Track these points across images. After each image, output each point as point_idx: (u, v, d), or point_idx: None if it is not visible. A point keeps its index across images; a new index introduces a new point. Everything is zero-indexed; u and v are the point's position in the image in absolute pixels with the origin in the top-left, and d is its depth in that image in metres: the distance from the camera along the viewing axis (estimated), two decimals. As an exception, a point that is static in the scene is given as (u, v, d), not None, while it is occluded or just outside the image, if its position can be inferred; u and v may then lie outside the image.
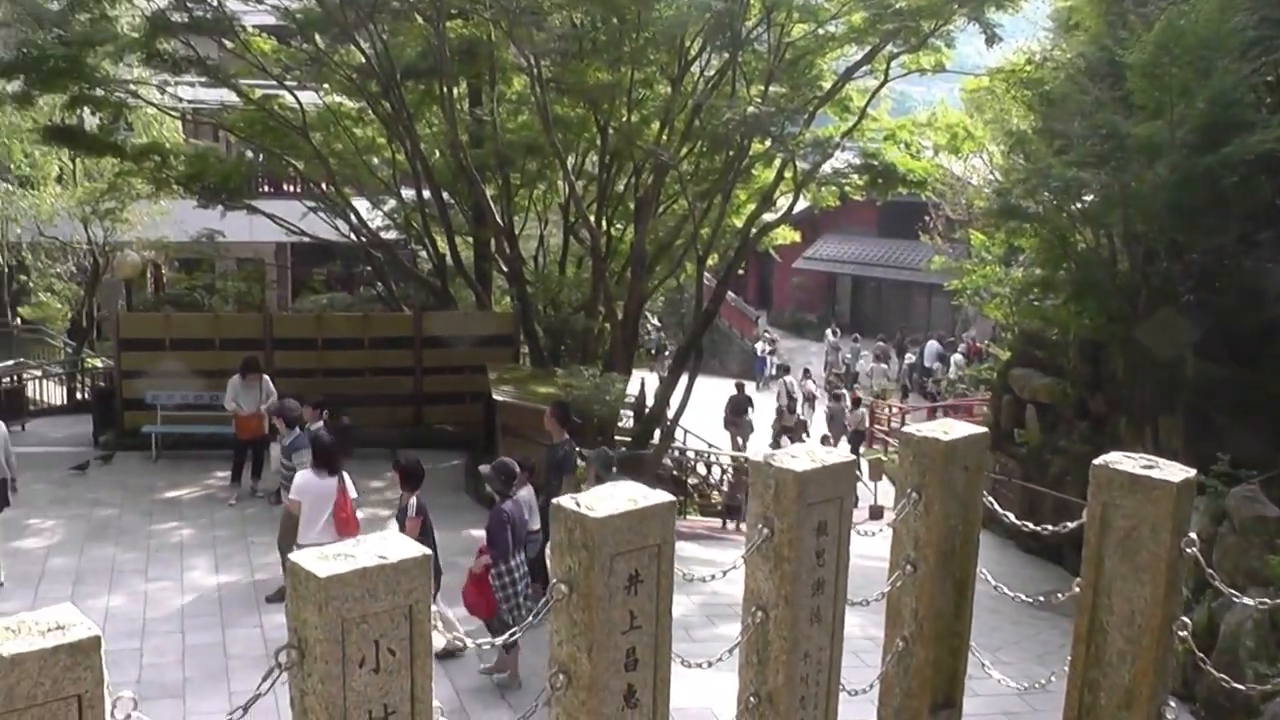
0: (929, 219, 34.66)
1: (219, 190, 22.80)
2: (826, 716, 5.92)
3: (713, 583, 6.02)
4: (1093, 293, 17.00)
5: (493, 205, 21.20)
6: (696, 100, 19.44)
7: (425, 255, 24.91)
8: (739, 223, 22.57)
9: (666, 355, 33.18)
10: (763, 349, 41.32)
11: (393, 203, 24.40)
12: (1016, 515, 6.93)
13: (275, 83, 21.42)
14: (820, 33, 19.48)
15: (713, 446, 26.04)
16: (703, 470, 24.24)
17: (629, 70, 19.35)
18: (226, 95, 22.68)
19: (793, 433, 28.90)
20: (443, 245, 23.44)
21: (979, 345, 37.45)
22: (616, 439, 19.49)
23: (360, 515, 11.93)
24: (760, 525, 5.49)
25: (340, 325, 22.37)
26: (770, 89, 19.24)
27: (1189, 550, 5.83)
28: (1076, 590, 6.16)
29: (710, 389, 27.73)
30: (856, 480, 7.42)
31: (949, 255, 29.44)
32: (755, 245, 24.51)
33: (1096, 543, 5.98)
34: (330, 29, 19.60)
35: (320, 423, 13.93)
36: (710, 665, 5.64)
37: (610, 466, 11.34)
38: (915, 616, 6.38)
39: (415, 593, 4.07)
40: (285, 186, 28.51)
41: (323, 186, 23.24)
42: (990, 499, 6.59)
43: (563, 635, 4.74)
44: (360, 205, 23.46)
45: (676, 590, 4.99)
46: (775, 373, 37.56)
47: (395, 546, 4.12)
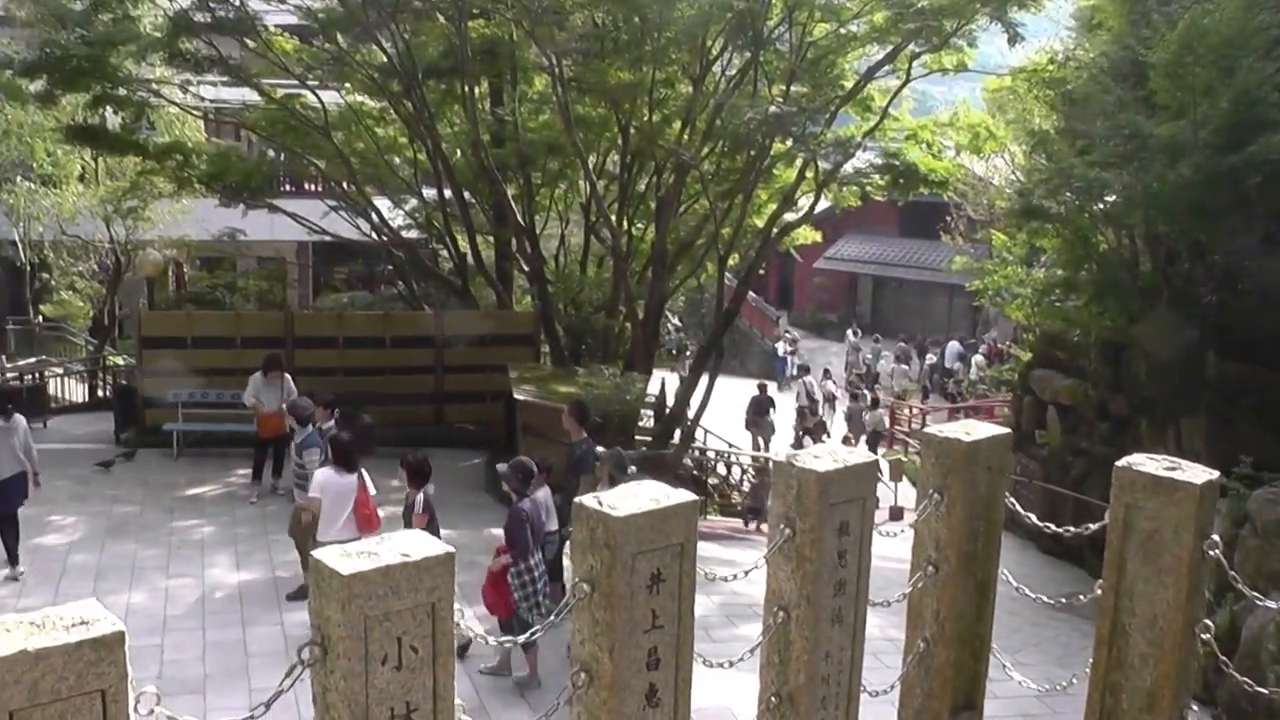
0: (950, 219, 34.60)
1: (241, 189, 22.84)
2: (847, 717, 5.91)
3: (733, 583, 6.01)
4: (1114, 294, 16.95)
5: (514, 204, 21.20)
6: (718, 100, 19.40)
7: (446, 254, 24.90)
8: (760, 222, 22.53)
9: (687, 355, 33.16)
10: (784, 349, 41.23)
11: (414, 202, 24.41)
12: (1037, 517, 6.91)
13: (297, 82, 21.44)
14: (842, 32, 19.42)
15: (733, 446, 26.01)
16: (723, 470, 24.20)
17: (650, 70, 19.32)
18: (248, 95, 22.71)
19: (813, 433, 28.87)
20: (464, 244, 23.45)
21: (1000, 346, 37.34)
22: (637, 439, 19.47)
23: (382, 513, 11.95)
24: (782, 525, 5.48)
25: (361, 324, 22.43)
26: (792, 88, 19.17)
27: (1211, 553, 5.82)
28: (1098, 592, 6.15)
29: (731, 389, 27.70)
30: (878, 481, 7.40)
31: (970, 256, 29.36)
32: (776, 245, 24.44)
33: (1119, 545, 5.96)
34: (352, 28, 19.59)
35: (331, 422, 13.89)
36: (732, 665, 5.63)
37: (625, 467, 11.24)
38: (936, 618, 6.37)
39: (438, 590, 4.08)
40: (307, 185, 28.63)
41: (344, 186, 23.28)
42: (1012, 500, 6.57)
43: (585, 634, 4.74)
44: (381, 204, 23.47)
45: (696, 590, 4.99)
46: (796, 373, 37.48)
47: (418, 544, 4.13)
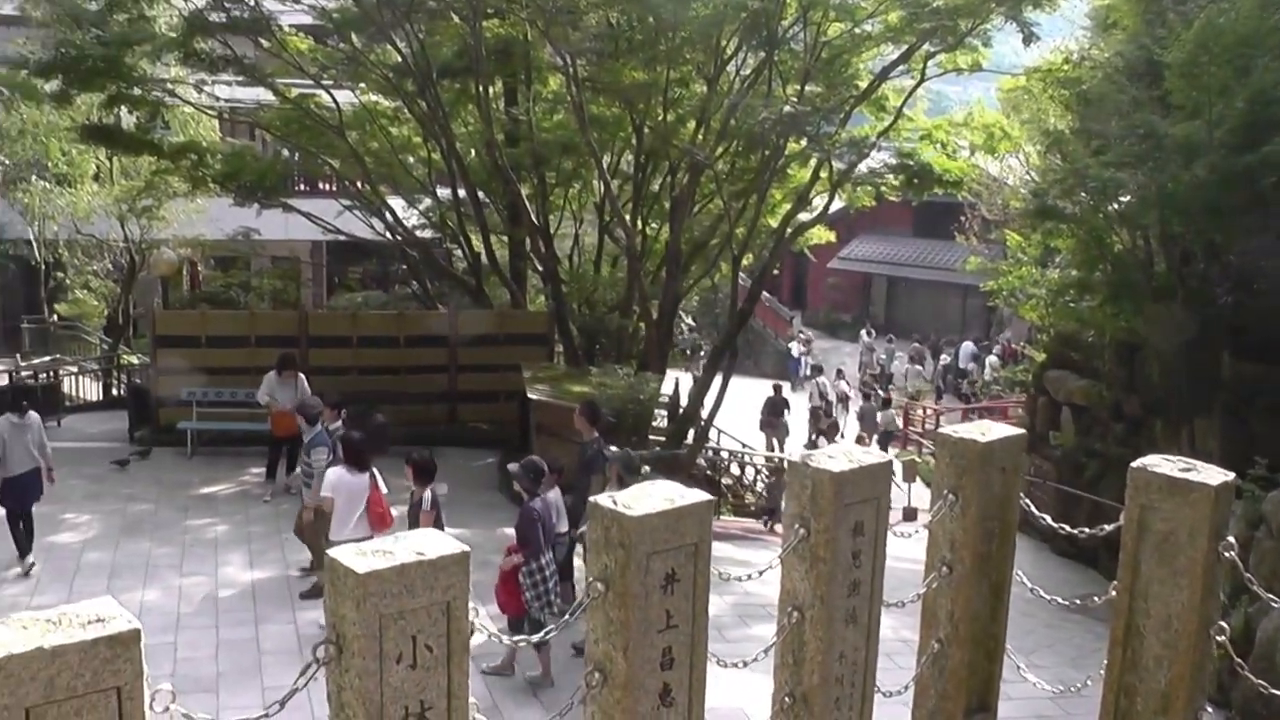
0: (965, 219, 34.58)
1: (255, 188, 22.90)
2: (861, 718, 5.91)
3: (746, 583, 6.01)
4: (1129, 294, 16.90)
5: (528, 204, 21.22)
6: (732, 99, 19.38)
7: (460, 254, 24.94)
8: (774, 222, 22.52)
9: (701, 355, 33.14)
10: (798, 349, 41.19)
11: (428, 201, 24.43)
12: (1051, 519, 6.90)
13: (312, 82, 21.50)
14: (856, 32, 19.41)
15: (747, 447, 26.00)
16: (736, 471, 24.20)
17: (665, 69, 19.31)
18: (263, 94, 22.74)
19: (827, 434, 28.86)
20: (478, 244, 23.48)
21: (1014, 347, 37.30)
22: (651, 439, 19.48)
23: (395, 512, 11.96)
24: (797, 525, 5.48)
25: (375, 323, 22.44)
26: (806, 88, 19.18)
27: (1226, 554, 5.80)
28: (1113, 594, 6.13)
29: (745, 389, 27.70)
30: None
31: (985, 256, 29.32)
32: (790, 245, 24.46)
33: (1134, 546, 5.95)
34: (367, 28, 19.63)
35: (338, 423, 13.87)
36: (745, 665, 5.63)
37: (634, 468, 11.16)
38: (951, 618, 6.36)
39: (453, 589, 4.08)
40: (321, 185, 28.68)
41: (358, 185, 23.30)
42: (1027, 501, 6.56)
43: (599, 633, 4.74)
44: (396, 204, 23.49)
45: (710, 590, 4.99)
46: (809, 373, 37.47)
47: (433, 543, 4.13)
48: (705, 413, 21.25)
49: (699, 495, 4.89)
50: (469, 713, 4.29)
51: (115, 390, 25.30)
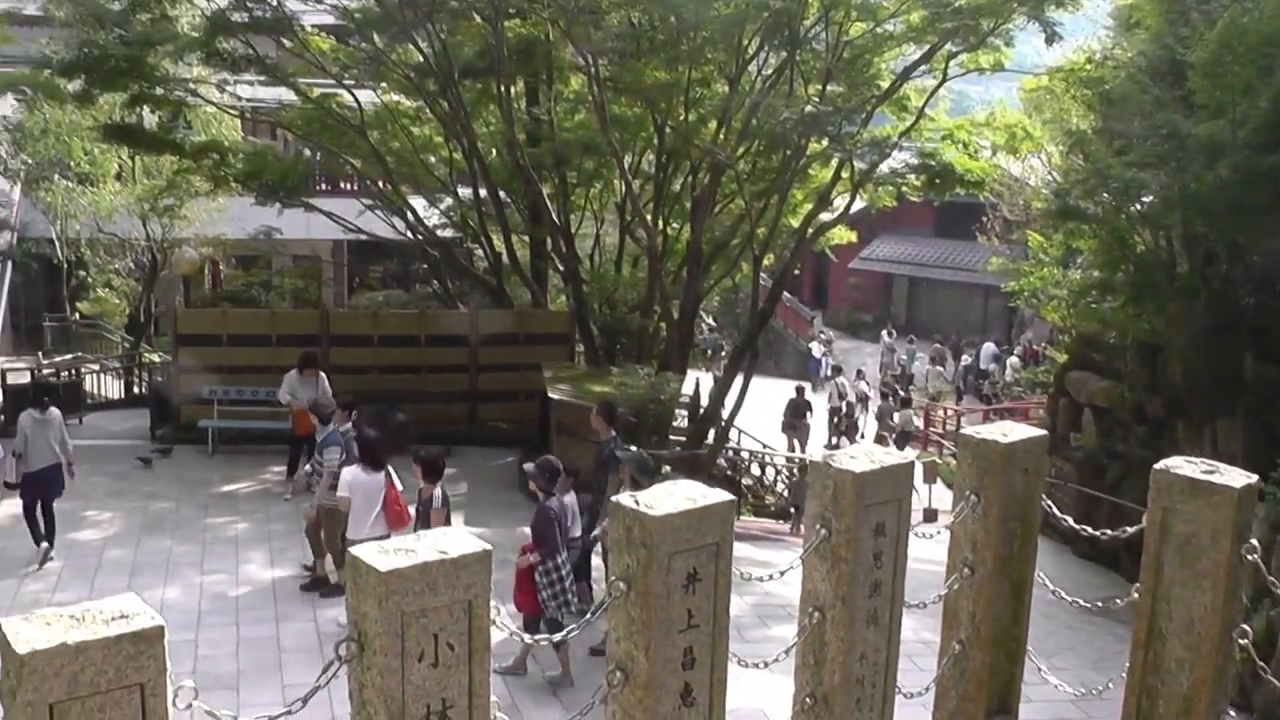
0: (986, 220, 34.51)
1: (277, 188, 22.95)
2: (882, 719, 5.89)
3: (766, 584, 6.00)
4: (1151, 295, 16.86)
5: (549, 204, 21.24)
6: (754, 99, 19.33)
7: (481, 253, 24.96)
8: (795, 222, 22.49)
9: (722, 355, 33.15)
10: (818, 350, 41.13)
11: (449, 201, 24.47)
12: (1072, 520, 6.87)
13: (333, 81, 21.55)
14: (878, 31, 19.35)
15: (767, 447, 25.97)
16: (757, 471, 24.17)
17: (686, 69, 19.30)
18: (285, 94, 22.83)
19: (847, 434, 28.82)
20: (499, 244, 23.51)
21: (1035, 348, 37.21)
22: (671, 439, 19.47)
23: (413, 510, 11.98)
24: (818, 526, 5.46)
25: (396, 322, 22.47)
26: (828, 88, 19.15)
27: (1249, 557, 5.77)
28: (1135, 596, 6.11)
29: (765, 390, 27.66)
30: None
31: (1006, 256, 29.31)
32: (811, 245, 24.40)
33: (1156, 548, 5.92)
34: (388, 28, 19.67)
35: (349, 424, 13.86)
36: (766, 666, 5.62)
37: (647, 469, 11.04)
38: (972, 620, 6.34)
39: (475, 588, 4.08)
40: (342, 184, 28.74)
41: (380, 185, 23.37)
42: (1049, 503, 6.54)
43: (620, 633, 4.73)
44: (417, 203, 23.54)
45: (731, 590, 4.98)
46: (830, 373, 37.44)
47: (456, 541, 4.13)
48: (726, 413, 21.24)
49: (721, 495, 4.88)
50: (490, 711, 4.29)
51: (137, 388, 25.38)
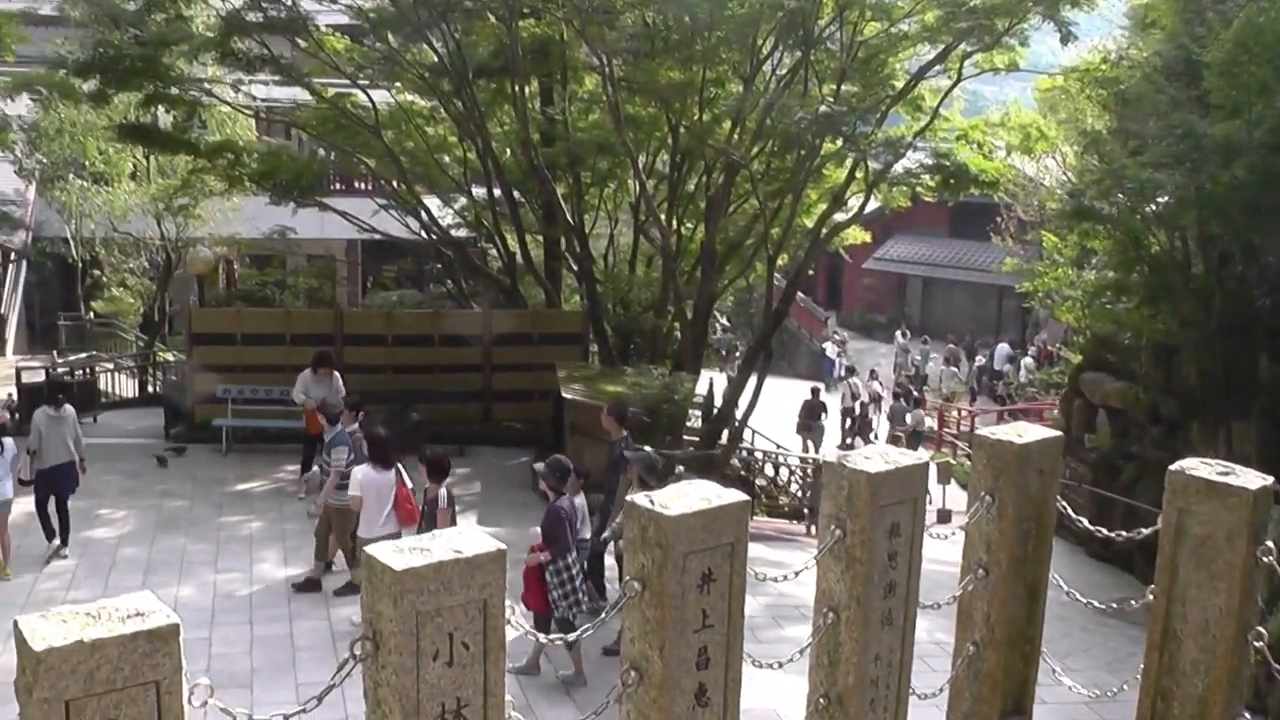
0: (1001, 220, 34.46)
1: (291, 187, 22.99)
2: (896, 719, 5.88)
3: (780, 584, 5.99)
4: (1166, 296, 16.82)
5: (563, 204, 21.24)
6: (768, 99, 19.32)
7: (495, 253, 24.96)
8: (809, 223, 22.47)
9: (736, 355, 33.13)
10: (832, 350, 41.08)
11: (463, 201, 24.48)
12: (1087, 521, 6.86)
13: (348, 81, 21.57)
14: (893, 31, 19.34)
15: (781, 448, 25.94)
16: (770, 471, 24.15)
17: (701, 69, 19.29)
18: (299, 94, 22.87)
19: (860, 434, 28.79)
20: (513, 243, 23.51)
21: (1050, 348, 37.14)
22: (685, 439, 19.47)
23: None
24: (833, 526, 5.46)
25: (410, 322, 22.46)
26: (842, 88, 19.12)
27: (1265, 559, 5.75)
28: (1150, 598, 6.09)
29: (779, 390, 27.64)
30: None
31: (1021, 257, 29.24)
32: (825, 245, 24.38)
33: (1171, 550, 5.91)
34: (403, 28, 19.67)
35: (355, 425, 13.86)
36: (781, 666, 5.61)
37: (654, 470, 11.01)
38: (987, 621, 6.33)
39: (489, 587, 4.08)
40: (357, 184, 28.75)
41: (394, 184, 23.38)
42: (1063, 504, 6.52)
43: (635, 632, 4.73)
44: (431, 203, 23.56)
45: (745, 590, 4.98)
46: (844, 374, 37.39)
47: (470, 541, 4.14)
48: (740, 413, 21.22)
49: (736, 495, 4.88)
50: (505, 711, 4.29)
51: (151, 387, 25.44)
